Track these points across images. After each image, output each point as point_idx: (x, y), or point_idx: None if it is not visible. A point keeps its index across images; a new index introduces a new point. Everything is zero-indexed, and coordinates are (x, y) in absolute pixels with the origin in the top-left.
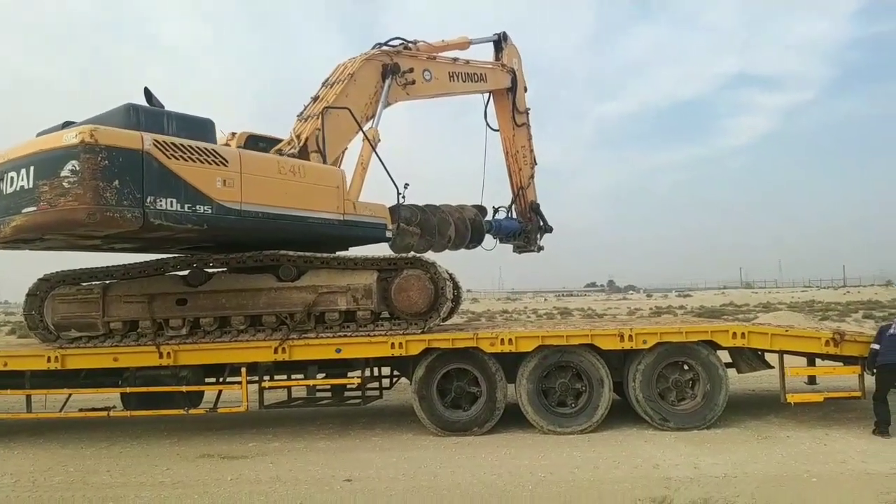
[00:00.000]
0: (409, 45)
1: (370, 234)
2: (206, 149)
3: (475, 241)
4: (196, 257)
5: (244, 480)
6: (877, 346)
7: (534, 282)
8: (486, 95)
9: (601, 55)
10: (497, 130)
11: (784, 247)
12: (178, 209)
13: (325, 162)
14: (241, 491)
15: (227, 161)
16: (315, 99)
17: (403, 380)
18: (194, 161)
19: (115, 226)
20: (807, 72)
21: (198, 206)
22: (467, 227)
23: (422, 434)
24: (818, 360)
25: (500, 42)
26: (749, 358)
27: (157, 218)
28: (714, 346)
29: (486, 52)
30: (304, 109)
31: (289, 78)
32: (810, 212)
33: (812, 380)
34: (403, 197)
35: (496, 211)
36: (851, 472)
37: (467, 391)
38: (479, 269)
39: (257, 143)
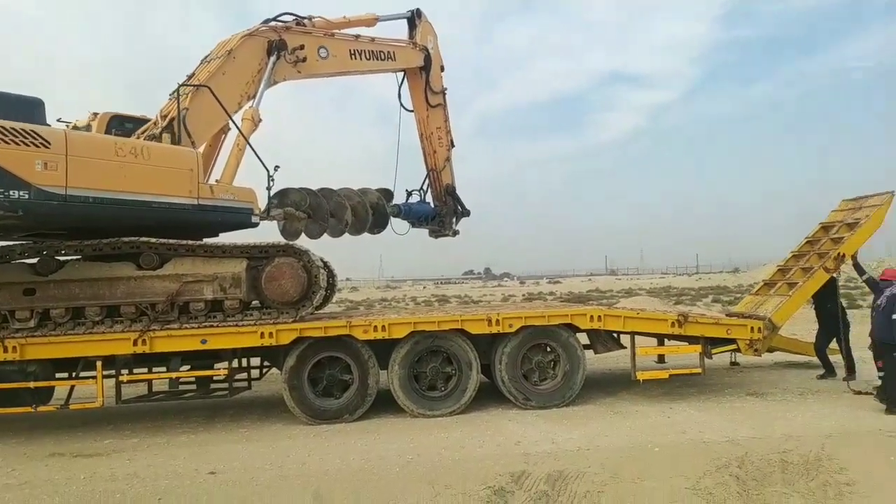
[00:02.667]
0: (303, 20)
1: (232, 219)
2: (22, 129)
3: (379, 225)
4: (46, 244)
5: (98, 478)
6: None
7: (413, 270)
8: (400, 75)
9: (485, 44)
10: (411, 111)
11: (645, 236)
12: None
13: (193, 143)
14: (95, 489)
15: (48, 143)
16: (190, 77)
17: (275, 369)
18: (7, 143)
19: None
20: (674, 71)
21: (11, 192)
22: (367, 212)
23: (292, 424)
24: (667, 341)
25: (413, 19)
26: (605, 339)
27: None
28: (573, 328)
29: (401, 30)
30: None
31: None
32: (669, 204)
33: (661, 359)
34: (272, 180)
35: (409, 195)
36: (690, 442)
37: (339, 379)
38: (360, 258)
39: (123, 123)
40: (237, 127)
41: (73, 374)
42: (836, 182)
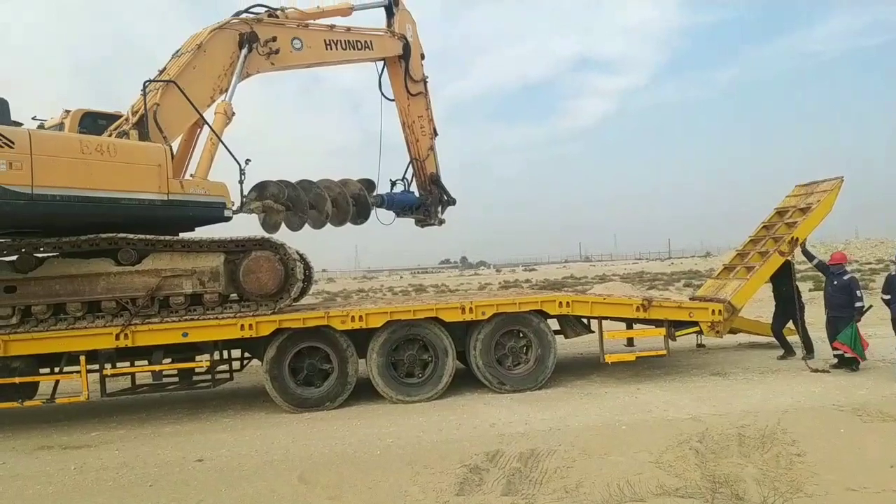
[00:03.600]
0: (276, 12)
1: (204, 214)
2: None
3: (361, 216)
4: (25, 241)
5: (89, 468)
6: (887, 297)
7: (390, 260)
8: (380, 64)
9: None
10: (392, 100)
11: (619, 222)
12: None
13: (165, 139)
14: (86, 478)
15: (12, 143)
16: (161, 72)
17: (255, 361)
18: None
19: None
20: (640, 57)
21: None
22: (348, 203)
23: (275, 412)
24: (635, 326)
25: (391, 7)
26: (574, 324)
27: None
28: (544, 314)
29: (379, 19)
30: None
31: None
32: (642, 189)
33: (630, 342)
34: (244, 173)
35: (393, 184)
36: (655, 419)
37: (319, 368)
38: (336, 249)
39: (96, 120)
40: (206, 122)
41: (58, 369)
42: (799, 165)
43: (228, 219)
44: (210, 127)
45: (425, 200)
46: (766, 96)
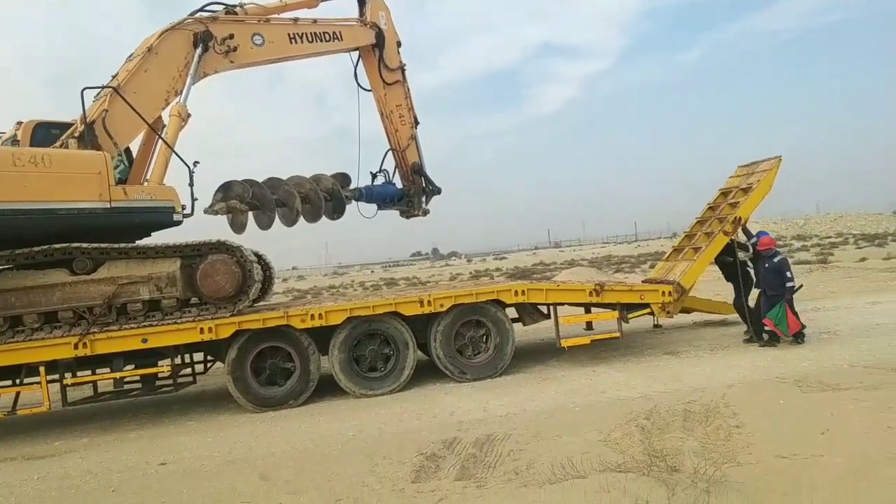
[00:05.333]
0: (233, 9)
1: (152, 219)
2: None
3: (337, 210)
4: None
5: (52, 477)
6: None
7: (361, 255)
8: (355, 54)
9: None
10: (369, 90)
11: (587, 207)
12: None
13: (116, 145)
14: (49, 487)
15: None
16: (113, 77)
17: (219, 363)
18: None
19: None
20: (604, 41)
21: None
22: (320, 198)
23: (239, 413)
24: (593, 310)
25: None
26: (531, 312)
27: None
28: (501, 304)
29: (352, 9)
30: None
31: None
32: (609, 173)
33: (589, 326)
34: (193, 173)
35: (374, 177)
36: (608, 400)
37: (282, 367)
38: (306, 247)
39: (49, 130)
40: (151, 127)
41: (17, 381)
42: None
43: (178, 223)
44: (155, 132)
45: (408, 191)
46: (729, 76)
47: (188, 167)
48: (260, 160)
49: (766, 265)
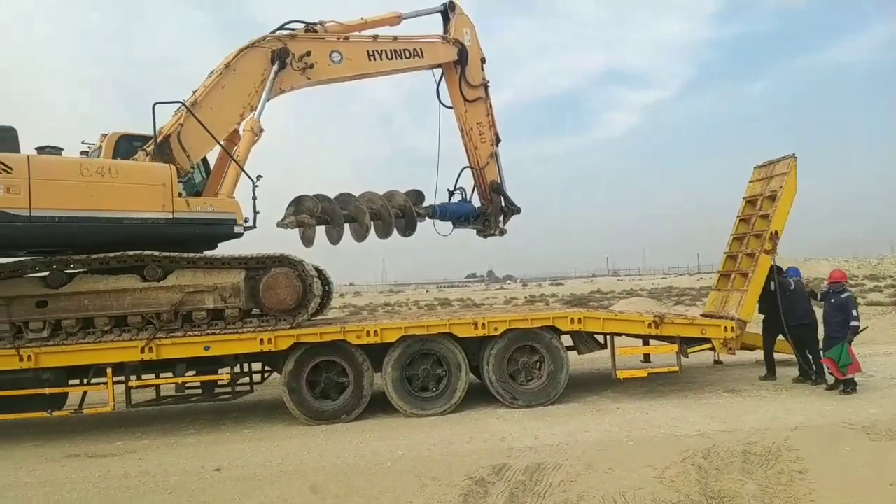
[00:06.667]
0: (313, 26)
1: (213, 231)
2: None
3: (409, 227)
4: (56, 259)
5: (112, 476)
6: None
7: (416, 274)
8: (438, 71)
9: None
10: (451, 108)
11: (648, 237)
12: None
13: (189, 158)
14: (109, 486)
15: (10, 168)
16: (194, 93)
17: (276, 374)
18: None
19: None
20: (669, 69)
21: None
22: (391, 215)
23: (292, 425)
24: (651, 342)
25: (447, 13)
26: (587, 341)
27: None
28: (556, 330)
29: (436, 26)
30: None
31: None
32: (672, 203)
33: (647, 358)
34: (256, 187)
35: (451, 194)
36: (663, 435)
37: (336, 381)
38: (364, 263)
39: (131, 142)
40: (219, 143)
41: (86, 381)
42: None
43: (239, 235)
44: (223, 147)
45: (485, 210)
46: (798, 108)
47: (252, 180)
48: (332, 176)
49: (833, 300)
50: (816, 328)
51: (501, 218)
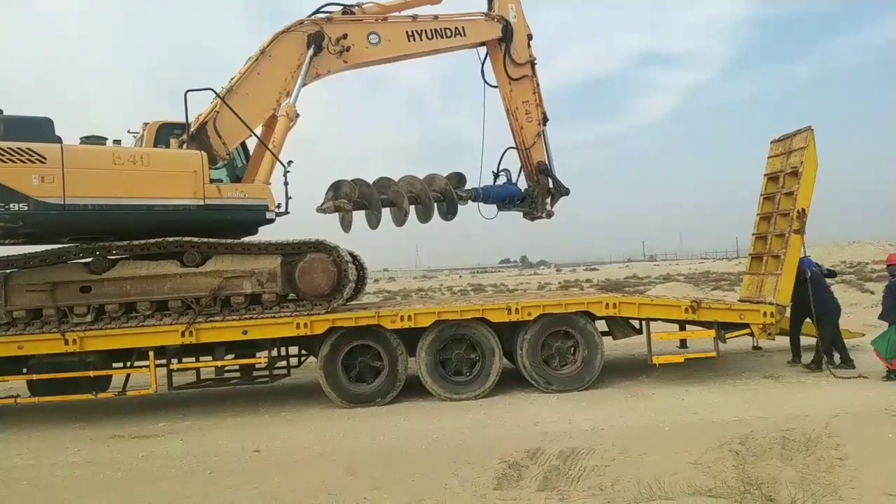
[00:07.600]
0: (350, 9)
1: (245, 217)
2: (18, 148)
3: (451, 211)
4: (98, 245)
5: (155, 456)
6: None
7: (450, 259)
8: (482, 50)
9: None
10: (496, 87)
11: (685, 220)
12: None
13: (225, 145)
14: (152, 465)
15: (44, 158)
16: (232, 80)
17: (312, 358)
18: (5, 161)
19: None
20: (708, 50)
21: (11, 205)
22: (430, 199)
23: (328, 407)
24: (688, 327)
25: None
26: (622, 326)
27: None
28: (591, 315)
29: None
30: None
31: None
32: (709, 186)
33: (683, 343)
34: (287, 172)
35: (496, 176)
36: (700, 421)
37: (371, 365)
38: (398, 249)
39: (172, 130)
40: (252, 132)
41: (128, 364)
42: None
43: (271, 221)
44: (254, 133)
45: (532, 192)
46: (844, 89)
47: (283, 166)
48: (376, 163)
49: (888, 283)
50: (839, 314)
51: (549, 200)
